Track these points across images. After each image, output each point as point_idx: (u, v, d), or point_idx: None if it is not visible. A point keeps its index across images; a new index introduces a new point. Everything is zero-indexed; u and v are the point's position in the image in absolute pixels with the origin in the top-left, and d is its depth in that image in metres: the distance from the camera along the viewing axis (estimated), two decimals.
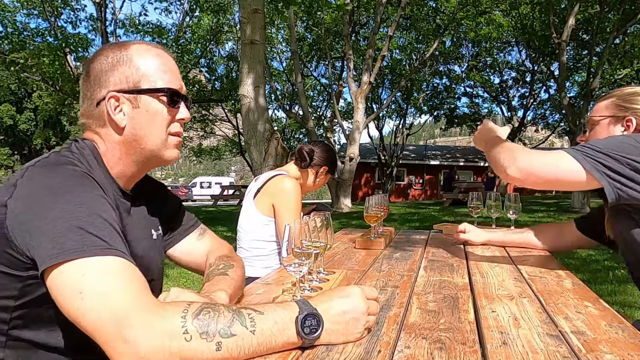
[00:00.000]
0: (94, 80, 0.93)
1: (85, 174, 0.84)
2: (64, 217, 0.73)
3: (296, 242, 0.97)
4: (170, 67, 0.97)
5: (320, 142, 2.24)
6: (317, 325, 0.75)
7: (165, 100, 0.95)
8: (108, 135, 0.94)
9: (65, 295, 0.70)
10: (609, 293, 3.92)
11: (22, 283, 0.79)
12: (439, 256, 1.67)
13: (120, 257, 0.73)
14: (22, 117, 27.94)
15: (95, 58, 0.94)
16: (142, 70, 0.93)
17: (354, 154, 12.78)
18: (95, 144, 0.94)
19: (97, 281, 0.69)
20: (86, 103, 0.94)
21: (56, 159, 0.86)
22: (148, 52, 0.95)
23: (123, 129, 0.93)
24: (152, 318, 0.67)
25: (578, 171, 1.16)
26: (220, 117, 24.20)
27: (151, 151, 0.96)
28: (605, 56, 12.75)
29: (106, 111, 0.92)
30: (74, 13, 14.85)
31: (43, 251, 0.72)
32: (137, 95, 0.92)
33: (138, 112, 0.93)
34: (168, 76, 0.96)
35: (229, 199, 19.51)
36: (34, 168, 0.83)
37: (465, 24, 16.55)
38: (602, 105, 1.45)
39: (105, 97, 0.91)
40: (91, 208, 0.77)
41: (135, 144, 0.94)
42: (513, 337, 0.83)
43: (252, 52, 5.74)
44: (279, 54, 21.70)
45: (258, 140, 5.78)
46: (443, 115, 23.87)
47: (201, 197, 32.31)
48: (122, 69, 0.92)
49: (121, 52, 0.93)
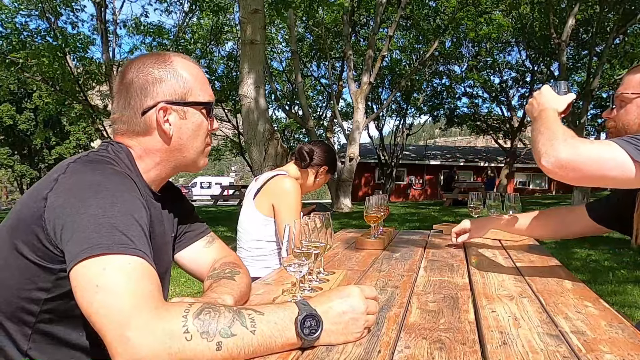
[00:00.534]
0: (139, 90, 0.95)
1: (125, 174, 0.88)
2: (98, 214, 0.75)
3: (296, 242, 0.97)
4: (205, 80, 1.04)
5: (319, 141, 2.24)
6: (317, 326, 0.76)
7: (206, 113, 1.01)
8: (149, 143, 0.97)
9: (83, 287, 0.71)
10: (609, 293, 3.92)
11: (55, 276, 0.81)
12: (439, 256, 1.67)
13: (142, 259, 0.74)
14: (22, 117, 27.94)
15: (137, 68, 0.97)
16: (189, 83, 0.98)
17: (354, 154, 12.79)
18: (130, 149, 0.97)
19: (115, 278, 0.70)
20: (128, 111, 0.96)
21: (97, 157, 0.89)
22: (190, 65, 1.01)
23: (170, 138, 0.97)
24: (153, 319, 0.68)
25: (630, 167, 1.00)
26: (220, 117, 24.21)
27: (191, 159, 1.02)
28: (605, 56, 12.76)
29: (155, 120, 0.96)
30: (73, 14, 14.86)
31: (74, 246, 0.74)
32: (184, 107, 0.98)
33: (185, 123, 0.98)
34: (206, 89, 1.02)
35: (229, 199, 19.52)
36: (76, 165, 0.85)
37: (465, 24, 16.54)
38: (636, 80, 1.26)
39: (153, 107, 0.95)
40: (126, 207, 0.79)
41: (178, 152, 0.99)
42: (513, 337, 0.83)
43: (252, 52, 5.75)
44: (279, 54, 21.71)
45: (258, 140, 5.79)
46: (443, 115, 23.87)
47: (201, 197, 32.29)
48: (171, 82, 0.97)
49: (166, 65, 0.97)
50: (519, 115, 21.41)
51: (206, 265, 1.17)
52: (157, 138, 0.97)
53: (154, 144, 0.97)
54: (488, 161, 26.32)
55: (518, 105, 22.22)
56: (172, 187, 1.15)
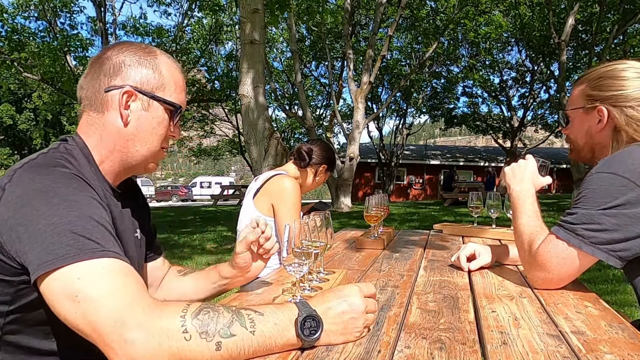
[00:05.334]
0: (113, 67, 0.93)
1: (75, 174, 0.83)
2: (54, 222, 0.72)
3: (296, 241, 0.97)
4: (184, 86, 1.01)
5: (318, 140, 2.24)
6: (317, 327, 0.75)
7: (170, 115, 0.98)
8: (105, 125, 0.93)
9: (60, 301, 0.69)
10: (608, 293, 3.92)
11: (15, 288, 0.78)
12: (439, 256, 1.67)
13: (114, 259, 0.72)
14: (22, 117, 27.91)
15: (121, 49, 0.95)
16: (164, 80, 0.96)
17: (354, 154, 12.79)
18: (86, 140, 0.93)
19: (92, 284, 0.68)
20: (93, 84, 0.94)
21: (44, 161, 0.84)
22: (173, 66, 0.99)
23: (126, 124, 0.93)
24: (150, 318, 0.67)
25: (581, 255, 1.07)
26: (220, 117, 24.21)
27: (142, 155, 0.97)
28: (605, 56, 12.75)
29: (117, 100, 0.92)
30: (70, 15, 14.87)
31: (35, 258, 0.70)
32: (151, 99, 0.95)
33: (145, 115, 0.95)
34: (181, 95, 1.00)
35: (229, 199, 19.53)
36: (22, 171, 0.80)
37: (464, 24, 16.55)
38: (575, 94, 1.30)
39: (120, 87, 0.92)
40: (82, 210, 0.75)
41: (131, 143, 0.95)
42: (513, 337, 0.83)
43: (252, 52, 5.75)
44: (279, 54, 21.71)
45: (258, 139, 5.79)
46: (441, 115, 23.86)
47: (201, 197, 32.32)
48: (147, 70, 0.95)
49: (149, 56, 0.96)
50: (519, 115, 21.42)
51: (158, 279, 1.20)
52: (112, 119, 0.93)
53: (109, 125, 0.93)
54: (489, 161, 26.32)
55: (518, 105, 22.23)
56: (134, 187, 1.12)
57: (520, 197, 1.28)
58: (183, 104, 1.00)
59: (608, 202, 1.04)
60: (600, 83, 1.22)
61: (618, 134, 1.19)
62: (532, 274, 1.17)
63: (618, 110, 1.18)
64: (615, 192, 1.04)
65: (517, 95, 22.52)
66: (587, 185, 1.10)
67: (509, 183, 1.34)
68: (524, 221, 1.23)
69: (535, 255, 1.15)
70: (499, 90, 22.01)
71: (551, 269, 1.12)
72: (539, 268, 1.14)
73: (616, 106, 1.18)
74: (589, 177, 1.11)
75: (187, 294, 1.19)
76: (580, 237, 1.06)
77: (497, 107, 22.93)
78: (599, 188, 1.07)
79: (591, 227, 1.05)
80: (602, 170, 1.09)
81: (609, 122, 1.20)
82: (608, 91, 1.20)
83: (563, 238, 1.09)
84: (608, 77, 1.21)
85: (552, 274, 1.12)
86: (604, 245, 1.04)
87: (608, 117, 1.20)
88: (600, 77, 1.22)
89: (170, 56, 1.01)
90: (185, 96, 1.02)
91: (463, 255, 1.42)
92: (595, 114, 1.22)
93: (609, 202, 1.04)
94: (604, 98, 1.20)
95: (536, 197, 1.29)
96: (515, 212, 1.27)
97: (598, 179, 1.08)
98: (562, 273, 1.11)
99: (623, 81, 1.18)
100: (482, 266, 1.40)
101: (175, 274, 1.23)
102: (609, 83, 1.20)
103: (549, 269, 1.12)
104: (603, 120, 1.20)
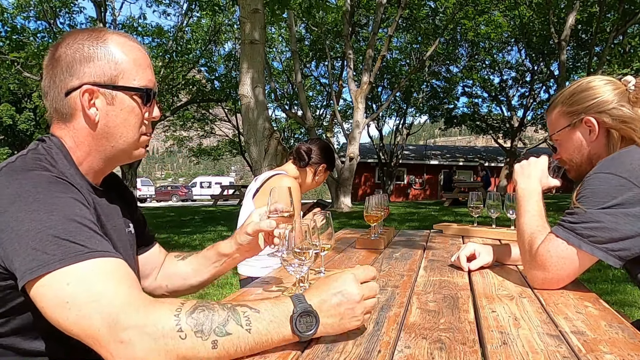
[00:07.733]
0: (65, 67, 0.88)
1: (56, 177, 0.80)
2: (36, 228, 0.70)
3: (296, 241, 0.97)
4: (147, 63, 0.94)
5: (317, 139, 2.25)
6: (312, 322, 0.75)
7: (140, 100, 0.93)
8: (77, 130, 0.90)
9: (52, 308, 0.68)
10: (608, 293, 3.92)
11: (2, 292, 0.77)
12: (439, 256, 1.67)
13: (102, 258, 0.72)
14: (22, 117, 27.89)
15: (68, 43, 0.89)
16: (120, 65, 0.89)
17: (354, 154, 12.79)
18: (62, 140, 0.90)
19: (82, 289, 0.68)
20: (52, 90, 0.89)
21: (23, 164, 0.81)
22: (126, 46, 0.91)
23: (96, 124, 0.89)
24: (144, 317, 0.66)
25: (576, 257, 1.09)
26: (220, 117, 24.21)
27: (121, 149, 0.94)
28: (605, 56, 12.75)
29: (79, 104, 0.88)
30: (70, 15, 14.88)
31: (20, 265, 0.69)
32: (112, 91, 0.89)
33: (112, 110, 0.90)
34: (144, 73, 0.93)
35: (229, 199, 19.54)
36: (0, 176, 0.78)
37: (464, 24, 16.54)
38: (554, 118, 1.33)
39: (77, 88, 0.87)
40: (64, 213, 0.74)
41: (106, 141, 0.91)
42: (513, 337, 0.83)
43: (251, 52, 5.75)
44: (279, 54, 21.70)
45: (258, 139, 5.79)
46: (441, 115, 23.84)
47: (201, 197, 32.32)
48: (100, 62, 0.88)
49: (98, 43, 0.89)
50: (519, 115, 21.41)
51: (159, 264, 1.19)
52: (82, 123, 0.89)
53: (80, 130, 0.89)
54: (488, 160, 26.31)
55: (518, 105, 22.22)
56: (116, 181, 1.09)
57: (525, 195, 1.28)
58: (150, 82, 0.94)
59: (607, 202, 1.05)
60: (575, 98, 1.26)
61: (611, 136, 1.22)
62: (531, 274, 1.17)
63: (604, 115, 1.21)
64: (614, 191, 1.05)
65: (517, 95, 22.53)
66: (586, 185, 1.11)
67: (517, 179, 1.34)
68: (526, 220, 1.23)
69: (535, 254, 1.15)
70: (498, 90, 21.99)
71: (550, 268, 1.12)
72: (538, 267, 1.14)
73: (601, 112, 1.22)
74: (588, 177, 1.13)
75: (188, 277, 1.19)
76: (579, 237, 1.07)
77: (497, 107, 22.92)
78: (598, 188, 1.08)
79: (590, 226, 1.06)
80: (601, 170, 1.11)
81: (600, 129, 1.23)
82: (586, 102, 1.24)
83: (563, 237, 1.10)
84: (579, 91, 1.26)
85: (552, 274, 1.12)
86: (603, 245, 1.05)
87: (598, 124, 1.22)
88: (572, 93, 1.27)
89: (123, 33, 0.94)
90: (152, 72, 0.95)
91: (463, 255, 1.41)
92: (584, 126, 1.25)
93: (607, 201, 1.05)
94: (585, 109, 1.24)
95: (542, 197, 1.28)
96: (519, 210, 1.27)
97: (597, 179, 1.10)
98: (561, 273, 1.11)
99: (595, 90, 1.23)
100: (482, 266, 1.40)
101: (174, 259, 1.22)
102: (584, 95, 1.25)
103: (548, 269, 1.12)
104: (594, 128, 1.23)
